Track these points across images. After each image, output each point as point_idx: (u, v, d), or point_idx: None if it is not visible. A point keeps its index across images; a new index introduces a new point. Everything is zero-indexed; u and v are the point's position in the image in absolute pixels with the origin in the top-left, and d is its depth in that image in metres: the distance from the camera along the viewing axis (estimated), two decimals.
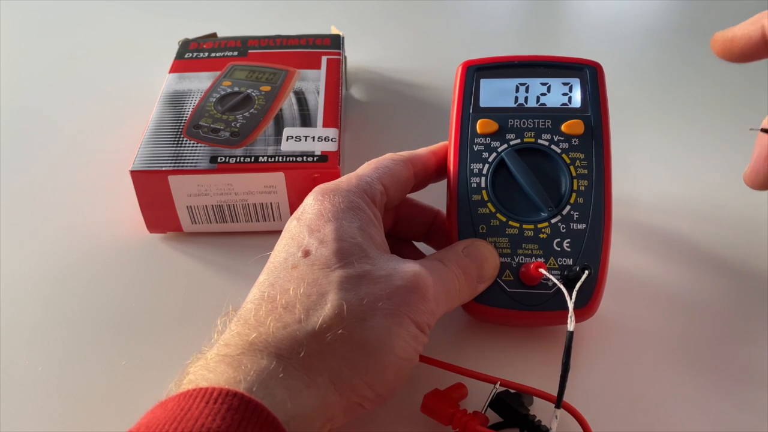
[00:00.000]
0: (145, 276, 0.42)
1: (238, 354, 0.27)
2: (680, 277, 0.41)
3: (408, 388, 0.33)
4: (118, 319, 0.39)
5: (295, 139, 0.44)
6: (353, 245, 0.30)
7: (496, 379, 0.32)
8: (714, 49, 0.34)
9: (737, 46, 0.33)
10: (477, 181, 0.36)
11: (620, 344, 0.37)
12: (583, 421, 0.30)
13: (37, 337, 0.38)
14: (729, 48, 0.33)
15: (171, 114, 0.46)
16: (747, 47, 0.32)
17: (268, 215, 0.44)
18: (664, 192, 0.47)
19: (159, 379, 0.28)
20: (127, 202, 0.45)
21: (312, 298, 0.29)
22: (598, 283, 0.34)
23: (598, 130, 0.37)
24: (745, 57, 0.33)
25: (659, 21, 0.71)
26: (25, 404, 0.35)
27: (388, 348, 0.29)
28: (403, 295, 0.29)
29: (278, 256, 0.31)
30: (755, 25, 0.32)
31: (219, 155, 0.43)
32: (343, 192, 0.33)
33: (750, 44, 0.32)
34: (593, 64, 0.39)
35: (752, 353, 0.36)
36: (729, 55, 0.33)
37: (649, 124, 0.54)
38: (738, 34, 0.32)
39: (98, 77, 0.63)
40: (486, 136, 0.37)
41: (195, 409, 0.24)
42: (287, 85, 0.49)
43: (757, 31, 0.32)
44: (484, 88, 0.39)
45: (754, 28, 0.32)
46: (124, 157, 0.44)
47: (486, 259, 0.34)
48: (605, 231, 0.35)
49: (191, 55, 0.53)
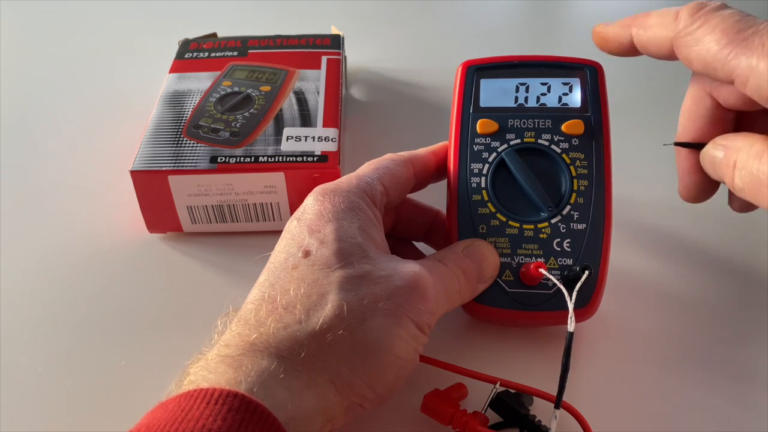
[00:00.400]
0: (145, 276, 0.42)
1: (239, 354, 0.27)
2: (680, 277, 0.41)
3: (408, 388, 0.33)
4: (118, 319, 0.39)
5: (295, 139, 0.44)
6: (353, 245, 0.30)
7: (496, 379, 0.32)
8: (593, 40, 0.36)
9: (611, 46, 0.34)
10: (477, 181, 0.36)
11: (620, 344, 0.37)
12: (583, 421, 0.30)
13: (38, 337, 0.38)
14: (604, 45, 0.35)
15: (171, 114, 0.46)
16: (618, 49, 0.34)
17: (268, 215, 0.44)
18: (664, 192, 0.47)
19: (159, 380, 0.28)
20: (127, 202, 0.44)
21: (312, 298, 0.29)
22: (598, 283, 0.34)
23: (598, 130, 0.37)
24: (619, 54, 0.35)
25: None
26: (25, 404, 0.35)
27: (389, 348, 0.29)
28: (403, 295, 0.29)
29: (278, 257, 0.31)
30: (625, 30, 0.33)
31: (219, 155, 0.43)
32: (343, 192, 0.33)
33: (621, 47, 0.34)
34: (593, 64, 0.39)
35: (752, 353, 0.36)
36: (604, 49, 0.35)
37: (649, 124, 0.54)
38: (611, 36, 0.34)
39: (98, 77, 0.63)
40: (486, 136, 0.37)
41: (196, 410, 0.24)
42: (287, 85, 0.49)
43: (627, 37, 0.33)
44: (484, 88, 0.39)
45: (624, 34, 0.33)
46: (124, 157, 0.44)
47: (486, 259, 0.34)
48: (605, 231, 0.35)
49: (191, 55, 0.53)
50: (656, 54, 0.32)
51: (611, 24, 0.35)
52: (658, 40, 0.31)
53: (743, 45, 0.27)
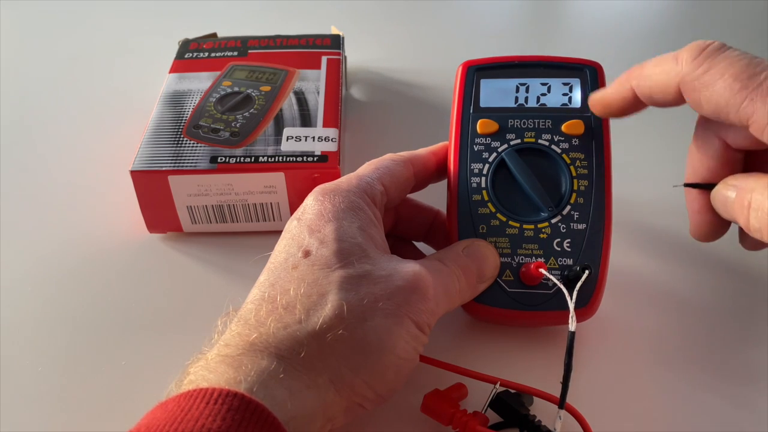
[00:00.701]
0: (145, 276, 0.42)
1: (239, 354, 0.27)
2: (680, 277, 0.41)
3: (408, 388, 0.33)
4: (118, 319, 0.39)
5: (295, 139, 0.44)
6: (353, 245, 0.30)
7: (496, 379, 0.32)
8: (594, 110, 0.36)
9: (615, 106, 0.34)
10: (477, 181, 0.36)
11: (620, 344, 0.37)
12: (583, 421, 0.30)
13: (37, 338, 0.38)
14: (608, 109, 0.35)
15: (171, 114, 0.46)
16: (623, 106, 0.34)
17: (268, 215, 0.44)
18: (664, 192, 0.47)
19: (159, 379, 0.28)
20: (127, 202, 0.44)
21: (312, 298, 0.29)
22: (598, 283, 0.34)
23: (598, 130, 0.37)
24: (624, 113, 0.35)
25: (659, 21, 0.71)
26: (25, 404, 0.35)
27: (389, 348, 0.29)
28: (403, 295, 0.29)
29: (278, 257, 0.31)
30: (625, 85, 0.33)
31: (219, 155, 0.43)
32: (343, 192, 0.33)
33: (625, 103, 0.34)
34: (593, 64, 0.39)
35: (752, 353, 0.36)
36: (609, 113, 0.35)
37: (649, 125, 0.54)
38: (611, 96, 0.34)
39: (98, 77, 0.63)
40: (486, 136, 0.37)
41: (195, 410, 0.24)
42: (287, 85, 0.49)
43: (628, 90, 0.33)
44: (485, 88, 0.39)
45: (625, 89, 0.33)
46: (124, 157, 0.44)
47: (486, 259, 0.34)
48: (605, 231, 0.35)
49: (191, 55, 0.53)
50: (662, 101, 0.32)
51: (606, 88, 0.35)
52: (662, 86, 0.31)
53: (758, 91, 0.27)
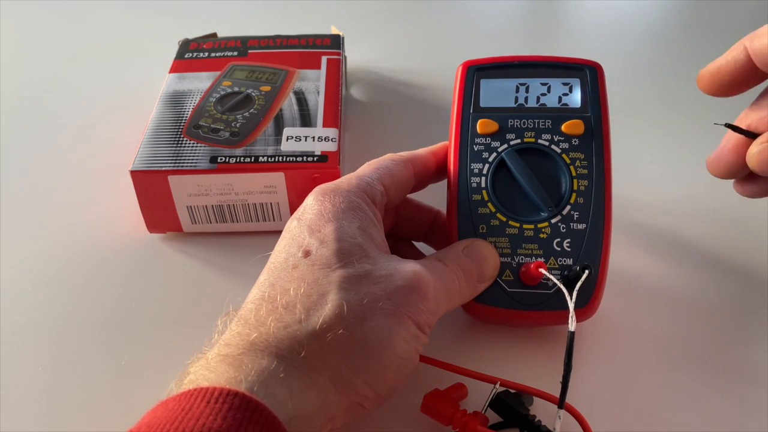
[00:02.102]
0: (145, 276, 0.42)
1: (239, 354, 0.27)
2: (680, 277, 0.41)
3: (408, 388, 0.33)
4: (118, 319, 0.39)
5: (295, 139, 0.44)
6: (354, 245, 0.30)
7: (496, 379, 0.32)
8: (701, 86, 0.34)
9: (725, 75, 0.32)
10: (477, 181, 0.36)
11: (620, 344, 0.37)
12: (583, 421, 0.30)
13: (37, 337, 0.38)
14: (717, 80, 0.33)
15: (171, 114, 0.46)
16: (735, 73, 0.32)
17: (268, 215, 0.44)
18: (664, 192, 0.47)
19: (159, 379, 0.28)
20: (127, 202, 0.45)
21: (312, 298, 0.29)
22: (598, 282, 0.34)
23: (598, 130, 0.37)
24: (735, 85, 0.32)
25: (659, 21, 0.71)
26: (25, 404, 0.35)
27: (389, 348, 0.29)
28: (403, 295, 0.29)
29: (279, 257, 0.31)
30: (738, 48, 0.31)
31: (219, 155, 0.43)
32: (343, 192, 0.33)
33: (737, 69, 0.32)
34: (593, 64, 0.39)
35: (752, 353, 0.36)
36: (719, 87, 0.33)
37: (649, 124, 0.54)
38: (723, 63, 0.32)
39: (98, 77, 0.63)
40: (486, 136, 0.37)
41: (196, 409, 0.24)
42: (287, 85, 0.49)
43: (741, 53, 0.31)
44: (484, 88, 0.39)
45: (737, 51, 0.31)
46: (124, 157, 0.44)
47: (486, 258, 0.34)
48: (605, 231, 0.35)
49: (191, 55, 0.53)
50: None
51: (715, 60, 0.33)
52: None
53: None
